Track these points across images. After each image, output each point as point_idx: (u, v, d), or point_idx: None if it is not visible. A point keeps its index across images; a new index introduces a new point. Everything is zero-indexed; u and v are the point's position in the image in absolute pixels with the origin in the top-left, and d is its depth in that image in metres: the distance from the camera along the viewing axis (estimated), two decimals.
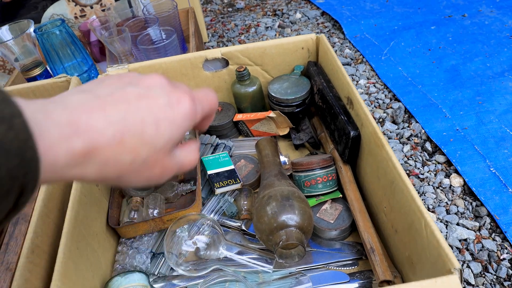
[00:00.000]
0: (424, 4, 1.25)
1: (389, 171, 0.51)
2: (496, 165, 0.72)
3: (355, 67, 1.03)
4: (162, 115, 0.28)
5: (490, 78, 0.91)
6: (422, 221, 0.44)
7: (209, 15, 1.43)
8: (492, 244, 0.62)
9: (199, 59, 0.73)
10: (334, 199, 0.62)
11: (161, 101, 0.28)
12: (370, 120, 0.55)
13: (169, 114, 0.28)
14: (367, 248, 0.54)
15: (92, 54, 1.03)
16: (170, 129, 0.28)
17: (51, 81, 0.71)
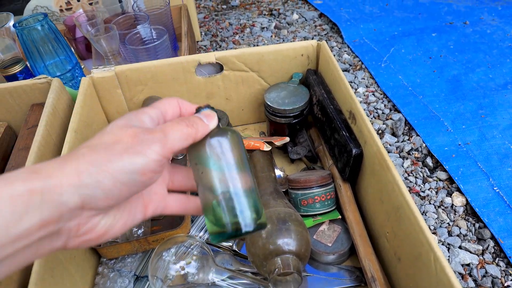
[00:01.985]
0: (424, 10, 1.21)
1: (394, 195, 0.47)
2: (499, 184, 0.69)
3: (354, 74, 1.00)
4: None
5: (493, 90, 0.88)
6: (431, 254, 0.41)
7: (203, 12, 1.38)
8: (496, 270, 0.59)
9: (191, 63, 0.68)
10: (333, 220, 0.59)
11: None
12: (374, 138, 0.52)
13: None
14: (368, 276, 0.50)
15: (78, 51, 0.97)
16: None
17: (30, 82, 0.65)
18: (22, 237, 0.23)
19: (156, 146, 0.28)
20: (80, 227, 0.27)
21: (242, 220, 0.31)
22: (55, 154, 0.58)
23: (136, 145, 0.28)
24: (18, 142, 0.61)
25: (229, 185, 0.32)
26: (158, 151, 0.28)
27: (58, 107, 0.62)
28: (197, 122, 0.32)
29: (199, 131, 0.32)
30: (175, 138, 0.30)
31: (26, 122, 0.64)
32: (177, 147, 0.30)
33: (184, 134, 0.30)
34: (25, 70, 0.79)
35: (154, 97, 0.70)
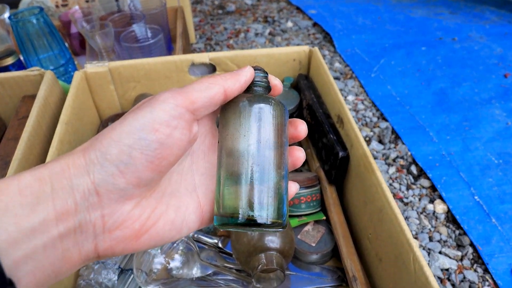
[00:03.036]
0: (415, 24, 1.25)
1: (378, 197, 0.49)
2: (480, 194, 0.71)
3: (344, 82, 1.02)
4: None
5: (477, 104, 0.91)
6: (410, 254, 0.42)
7: (198, 16, 1.39)
8: (474, 276, 0.60)
9: (185, 63, 0.69)
10: (317, 220, 0.60)
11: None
12: (360, 142, 0.53)
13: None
14: (349, 276, 0.51)
15: (72, 47, 0.97)
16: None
17: (22, 73, 0.65)
18: (37, 231, 0.20)
19: (168, 94, 0.23)
20: (106, 219, 0.22)
21: (259, 208, 0.25)
22: (45, 145, 0.58)
23: (144, 104, 0.23)
24: (8, 132, 0.61)
25: (256, 162, 0.26)
26: (171, 99, 0.23)
27: (49, 99, 0.62)
28: (227, 75, 0.27)
29: (228, 83, 0.26)
30: (196, 88, 0.25)
31: (17, 113, 0.64)
32: (200, 100, 0.24)
33: (209, 84, 0.25)
34: (18, 63, 0.80)
35: (146, 95, 0.71)
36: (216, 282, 0.52)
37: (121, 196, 0.23)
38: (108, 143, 0.22)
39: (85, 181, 0.22)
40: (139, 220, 0.24)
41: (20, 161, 0.50)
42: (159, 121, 0.22)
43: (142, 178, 0.23)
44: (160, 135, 0.22)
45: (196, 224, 0.27)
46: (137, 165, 0.22)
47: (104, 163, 0.22)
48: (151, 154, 0.22)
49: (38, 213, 0.20)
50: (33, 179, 0.21)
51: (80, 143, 0.62)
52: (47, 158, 0.51)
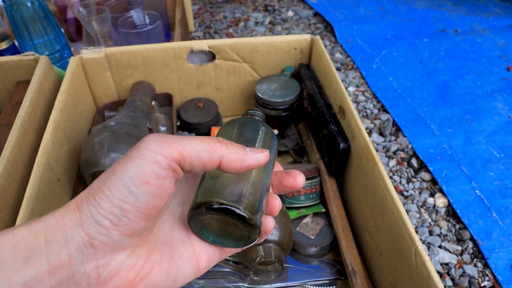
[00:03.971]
0: (418, 16, 1.23)
1: (379, 190, 0.48)
2: (481, 188, 0.70)
3: (345, 73, 1.00)
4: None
5: (480, 97, 0.90)
6: (412, 248, 0.41)
7: (197, 4, 1.37)
8: (474, 270, 0.60)
9: (183, 50, 0.68)
10: (316, 213, 0.59)
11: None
12: (362, 133, 0.52)
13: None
14: (349, 269, 0.50)
15: (68, 32, 0.95)
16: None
17: (16, 58, 0.64)
18: (29, 286, 0.20)
19: (157, 143, 0.23)
20: (100, 270, 0.22)
21: (234, 197, 0.25)
22: (39, 132, 0.56)
23: (131, 151, 0.23)
24: (1, 118, 0.60)
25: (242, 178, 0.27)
26: (161, 151, 0.22)
27: (44, 85, 0.61)
28: (234, 149, 0.25)
29: (230, 158, 0.24)
30: (193, 142, 0.23)
31: (10, 99, 0.63)
32: (193, 155, 0.23)
33: (209, 148, 0.24)
34: (12, 47, 0.78)
35: (143, 82, 0.69)
36: (214, 274, 0.52)
37: (115, 247, 0.22)
38: (100, 197, 0.22)
39: (80, 233, 0.22)
40: (133, 269, 0.24)
41: (13, 148, 0.49)
42: (148, 173, 0.22)
43: (135, 228, 0.23)
44: (151, 187, 0.22)
45: (192, 274, 0.27)
46: (129, 217, 0.22)
47: (97, 217, 0.22)
48: (142, 206, 0.22)
49: (31, 267, 0.20)
50: (27, 233, 0.21)
51: (75, 130, 0.60)
52: (41, 146, 0.49)
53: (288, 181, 0.30)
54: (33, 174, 0.46)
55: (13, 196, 0.48)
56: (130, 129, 0.55)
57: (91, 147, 0.53)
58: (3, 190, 0.46)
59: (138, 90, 0.66)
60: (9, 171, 0.47)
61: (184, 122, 0.70)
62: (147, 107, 0.64)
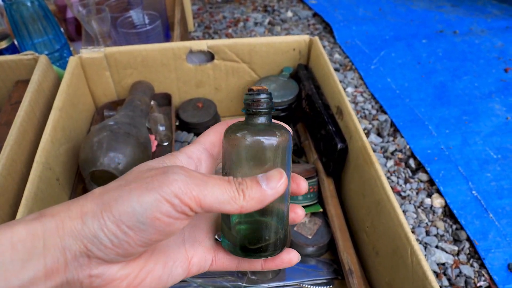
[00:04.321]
0: (416, 17, 1.23)
1: (376, 190, 0.48)
2: (478, 189, 0.70)
3: (344, 74, 1.01)
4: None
5: (477, 98, 0.90)
6: (408, 248, 0.42)
7: (197, 4, 1.37)
8: (470, 270, 0.60)
9: (183, 50, 0.68)
10: (314, 213, 0.59)
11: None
12: (360, 134, 0.52)
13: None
14: (345, 269, 0.51)
15: (67, 32, 0.95)
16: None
17: (16, 57, 0.64)
18: (26, 287, 0.21)
19: (182, 184, 0.22)
20: (93, 279, 0.23)
21: (265, 241, 0.27)
22: (37, 131, 0.57)
23: (153, 181, 0.22)
24: (0, 117, 0.60)
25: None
26: (181, 195, 0.22)
27: (43, 84, 0.61)
28: (252, 192, 0.24)
29: (249, 205, 0.24)
30: (214, 194, 0.23)
31: (10, 98, 0.63)
32: (209, 208, 0.23)
33: (230, 200, 0.24)
34: (12, 47, 0.78)
35: (143, 82, 0.69)
36: (211, 273, 0.52)
37: (110, 262, 0.23)
38: (108, 217, 0.22)
39: (78, 244, 0.22)
40: (126, 279, 0.24)
41: (12, 147, 0.49)
42: (162, 211, 0.22)
43: (133, 252, 0.23)
44: (160, 224, 0.22)
45: (181, 277, 0.27)
46: (130, 243, 0.22)
47: (100, 234, 0.22)
48: (146, 237, 0.22)
49: (28, 269, 0.21)
50: (26, 234, 0.21)
51: (75, 130, 0.61)
52: (40, 145, 0.50)
53: (291, 187, 0.29)
54: (32, 173, 0.46)
55: (12, 194, 0.48)
56: (129, 128, 0.55)
57: (90, 146, 0.53)
58: (2, 188, 0.46)
59: (137, 89, 0.67)
60: (8, 170, 0.48)
61: (183, 122, 0.71)
62: (146, 107, 0.64)
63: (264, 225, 0.27)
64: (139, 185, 0.22)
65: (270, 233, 0.27)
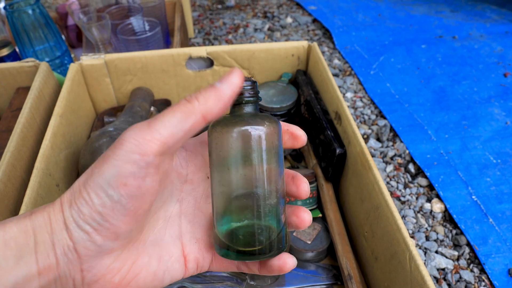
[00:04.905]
0: (416, 22, 1.24)
1: (374, 195, 0.48)
2: (478, 193, 0.70)
3: (343, 79, 1.01)
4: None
5: (476, 102, 0.90)
6: (406, 253, 0.42)
7: (197, 10, 1.38)
8: (470, 276, 0.60)
9: (182, 56, 0.68)
10: (313, 218, 0.59)
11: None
12: (358, 139, 0.52)
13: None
14: (345, 274, 0.51)
15: (68, 39, 0.96)
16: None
17: (17, 64, 0.64)
18: (19, 285, 0.20)
19: (133, 140, 0.21)
20: (84, 274, 0.22)
21: (258, 243, 0.25)
22: (38, 137, 0.57)
23: (107, 152, 0.22)
24: (1, 124, 0.60)
25: (252, 193, 0.25)
26: (136, 148, 0.21)
27: (44, 91, 0.61)
28: (207, 93, 0.23)
29: (208, 106, 0.23)
30: (167, 123, 0.22)
31: (10, 104, 0.64)
32: (172, 138, 0.22)
33: (183, 115, 0.22)
34: (13, 54, 0.79)
35: (142, 88, 0.70)
36: (210, 278, 0.52)
37: (99, 252, 0.22)
38: (80, 202, 0.21)
39: (64, 237, 0.21)
40: (119, 273, 0.23)
41: (12, 153, 0.50)
42: (126, 175, 0.21)
43: (119, 232, 0.22)
44: (130, 188, 0.21)
45: (180, 273, 0.26)
46: (111, 222, 0.21)
47: (78, 222, 0.21)
48: (123, 208, 0.21)
49: (22, 266, 0.21)
50: (17, 231, 0.21)
51: (75, 136, 0.61)
52: (40, 151, 0.50)
53: (291, 189, 0.28)
54: (32, 179, 0.47)
55: (12, 200, 0.48)
56: None
57: (90, 152, 0.53)
58: (3, 194, 0.46)
59: (137, 96, 0.67)
60: (8, 176, 0.48)
61: None
62: (146, 113, 0.65)
63: (254, 226, 0.25)
64: (96, 163, 0.22)
65: (261, 234, 0.25)
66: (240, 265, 0.28)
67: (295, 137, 0.27)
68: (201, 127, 0.23)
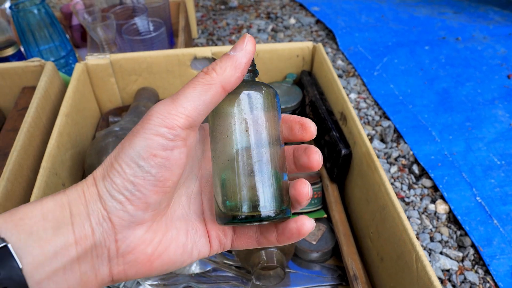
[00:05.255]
0: (419, 23, 1.24)
1: (380, 196, 0.48)
2: (482, 195, 0.70)
3: (347, 80, 1.01)
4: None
5: (480, 104, 0.90)
6: (413, 254, 0.42)
7: (201, 11, 1.38)
8: (475, 277, 0.60)
9: (187, 56, 0.69)
10: (318, 218, 0.59)
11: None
12: (364, 139, 0.52)
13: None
14: (350, 275, 0.51)
15: (73, 39, 0.96)
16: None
17: (23, 64, 0.65)
18: (59, 254, 0.22)
19: (160, 115, 0.23)
20: (119, 244, 0.23)
21: (262, 203, 0.25)
22: (44, 137, 0.57)
23: (139, 125, 0.23)
24: (7, 123, 0.61)
25: (251, 156, 0.25)
26: (165, 122, 0.22)
27: (50, 91, 0.62)
28: (223, 63, 0.24)
29: (226, 76, 0.23)
30: (189, 96, 0.23)
31: (16, 104, 0.64)
32: (195, 111, 0.23)
33: (203, 87, 0.23)
34: (18, 53, 0.79)
35: (147, 88, 0.70)
36: (215, 278, 0.52)
37: (132, 222, 0.23)
38: (113, 174, 0.23)
39: (99, 208, 0.23)
40: (151, 244, 0.24)
41: (19, 153, 0.50)
42: (155, 146, 0.22)
43: (150, 202, 0.23)
44: (159, 159, 0.23)
45: (206, 249, 0.27)
46: (142, 191, 0.23)
47: (112, 192, 0.23)
48: (153, 179, 0.23)
49: (60, 236, 0.22)
50: (54, 205, 0.22)
51: (80, 135, 0.61)
52: (46, 150, 0.50)
53: (303, 160, 0.27)
54: (38, 178, 0.47)
55: (19, 199, 0.48)
56: None
57: (96, 151, 0.53)
58: (10, 193, 0.46)
59: (142, 96, 0.67)
60: (15, 175, 0.48)
61: None
62: None
63: (255, 189, 0.25)
64: (127, 138, 0.23)
65: (262, 197, 0.25)
66: (260, 239, 0.28)
67: (305, 128, 0.27)
68: (222, 98, 0.24)
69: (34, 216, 0.22)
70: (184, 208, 0.27)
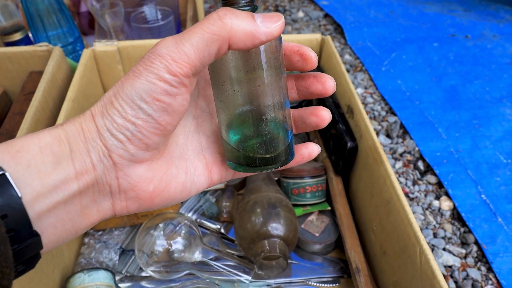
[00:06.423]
0: (428, 20, 1.23)
1: (385, 189, 0.48)
2: (487, 192, 0.70)
3: (354, 75, 1.00)
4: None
5: (488, 102, 0.89)
6: (417, 247, 0.42)
7: (209, 2, 1.38)
8: (477, 274, 0.60)
9: None
10: (322, 211, 0.59)
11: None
12: (370, 133, 0.52)
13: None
14: (352, 267, 0.51)
15: (80, 25, 0.96)
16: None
17: (30, 48, 0.65)
18: (59, 187, 0.21)
19: (164, 60, 0.21)
20: (120, 181, 0.23)
21: (268, 148, 0.26)
22: (50, 121, 0.57)
23: (142, 66, 0.22)
24: (14, 106, 0.61)
25: (256, 100, 0.25)
26: (169, 68, 0.21)
27: (57, 76, 0.62)
28: (242, 17, 0.22)
29: (237, 34, 0.22)
30: (194, 43, 0.21)
31: (23, 88, 0.64)
32: (199, 61, 0.22)
33: (211, 36, 0.21)
34: (26, 39, 0.79)
35: None
36: (218, 267, 0.52)
37: (132, 161, 0.23)
38: (113, 112, 0.22)
39: (99, 145, 0.23)
40: (152, 182, 0.25)
41: None
42: (158, 91, 0.22)
43: (150, 143, 0.23)
44: (162, 104, 0.22)
45: (205, 185, 0.28)
46: (143, 132, 0.23)
47: (112, 131, 0.22)
48: (154, 122, 0.23)
49: (60, 171, 0.21)
50: (51, 139, 0.22)
51: None
52: None
53: (316, 87, 0.27)
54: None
55: None
56: None
57: None
58: None
59: None
60: None
61: None
62: None
63: (261, 136, 0.26)
64: (128, 76, 0.22)
65: (267, 144, 0.26)
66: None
67: (306, 58, 0.27)
68: (226, 52, 0.23)
69: (32, 150, 0.21)
70: (183, 148, 0.27)
